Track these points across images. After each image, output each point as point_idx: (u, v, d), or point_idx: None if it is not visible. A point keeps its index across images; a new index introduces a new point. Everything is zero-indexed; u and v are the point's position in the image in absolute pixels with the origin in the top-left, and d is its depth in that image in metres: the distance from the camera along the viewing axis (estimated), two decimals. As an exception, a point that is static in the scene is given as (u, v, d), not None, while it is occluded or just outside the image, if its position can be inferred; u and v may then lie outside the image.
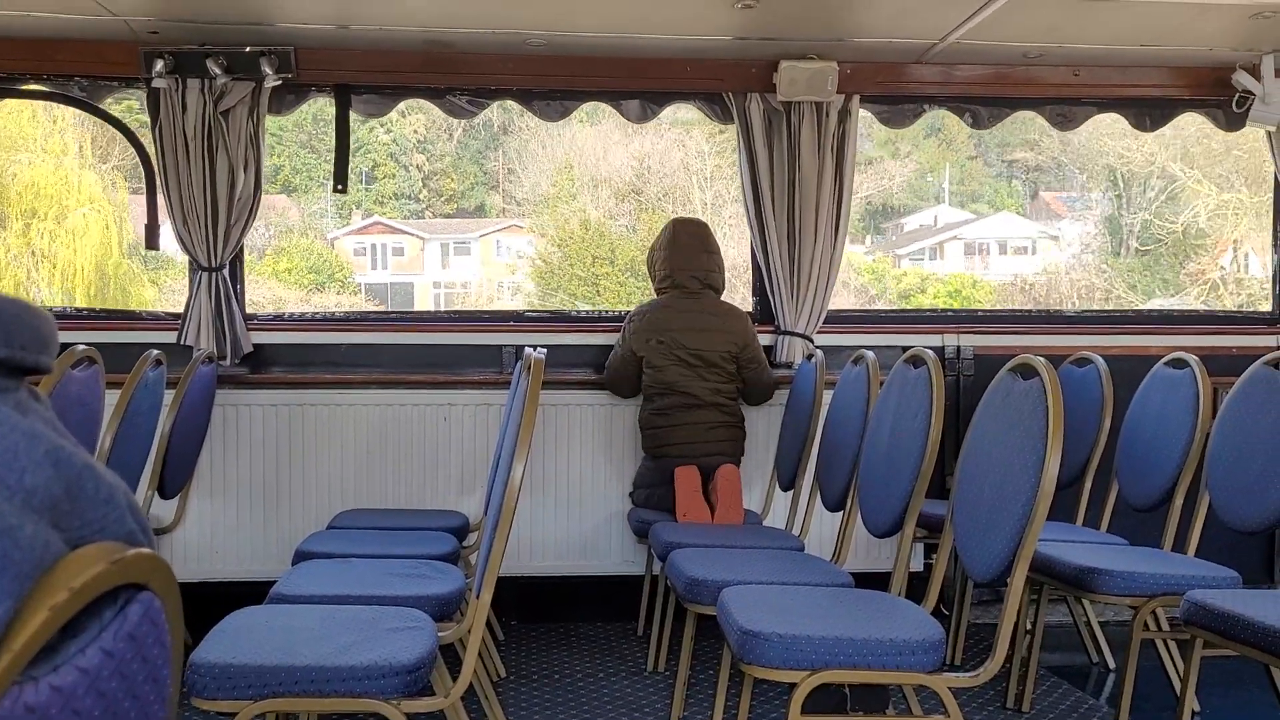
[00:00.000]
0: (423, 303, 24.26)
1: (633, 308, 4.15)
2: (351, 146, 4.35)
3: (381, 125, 23.78)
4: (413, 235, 25.31)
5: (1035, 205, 25.48)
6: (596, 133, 22.15)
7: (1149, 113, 4.59)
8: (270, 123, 4.30)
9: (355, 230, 24.90)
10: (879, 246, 24.69)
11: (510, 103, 4.49)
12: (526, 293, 22.19)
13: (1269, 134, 4.45)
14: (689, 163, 22.14)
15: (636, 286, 20.97)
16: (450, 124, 23.72)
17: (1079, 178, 23.76)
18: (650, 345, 3.98)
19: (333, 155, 4.39)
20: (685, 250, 4.03)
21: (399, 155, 25.34)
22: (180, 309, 4.23)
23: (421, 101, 4.51)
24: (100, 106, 4.26)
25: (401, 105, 4.52)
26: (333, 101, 4.30)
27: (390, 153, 25.18)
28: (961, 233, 24.81)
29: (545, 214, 23.38)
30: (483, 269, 25.05)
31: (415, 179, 25.80)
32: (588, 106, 4.54)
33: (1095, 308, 18.03)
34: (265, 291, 19.96)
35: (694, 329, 3.95)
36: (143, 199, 4.11)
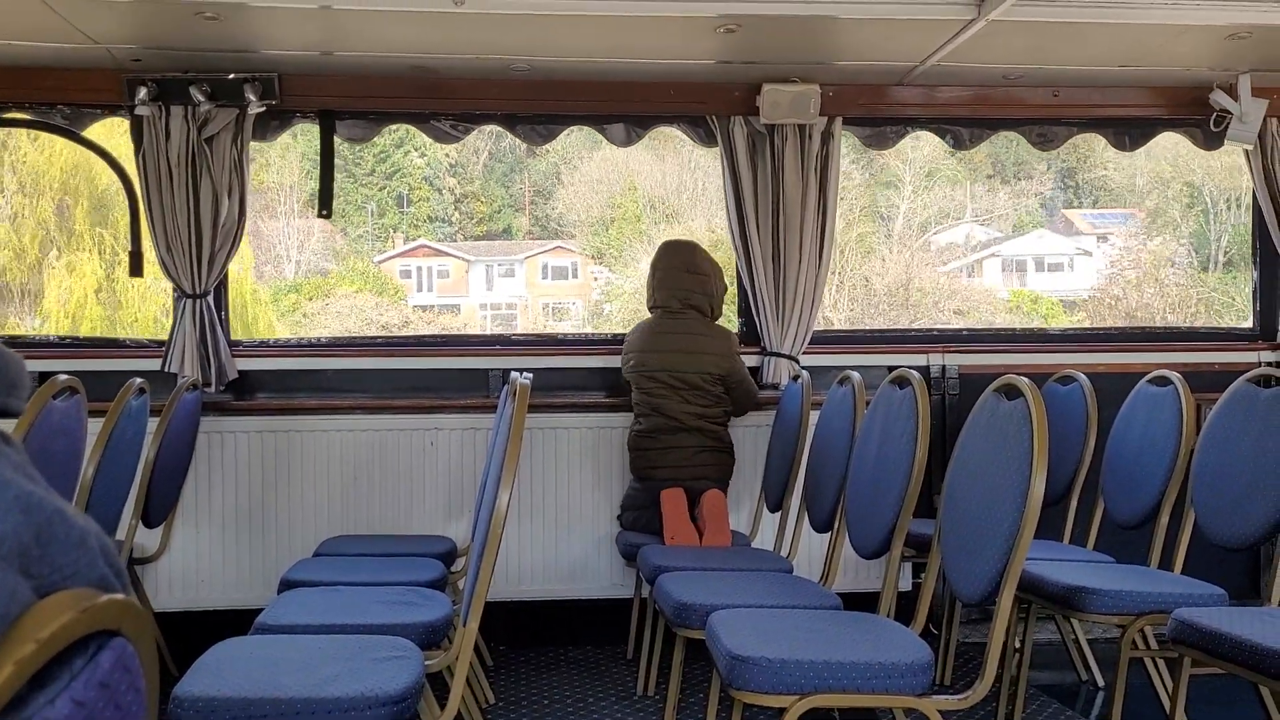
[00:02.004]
0: (470, 323, 24.26)
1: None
2: (387, 171, 4.38)
3: (416, 149, 23.90)
4: (457, 258, 25.40)
5: (1056, 223, 25.32)
6: (639, 154, 22.40)
7: (1128, 132, 4.63)
8: (306, 147, 4.32)
9: (401, 253, 25.05)
10: (922, 264, 24.41)
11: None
12: (607, 315, 22.12)
13: (1247, 152, 4.48)
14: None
15: None
16: (478, 147, 23.88)
17: (1137, 195, 23.52)
18: (630, 367, 4.00)
19: (379, 182, 4.40)
20: (668, 271, 4.03)
21: (433, 179, 25.45)
22: (304, 332, 4.22)
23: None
24: (83, 134, 4.25)
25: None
26: (317, 127, 4.31)
27: (425, 176, 25.29)
28: (999, 250, 24.59)
29: (603, 235, 23.44)
30: (528, 291, 25.13)
31: (448, 202, 25.97)
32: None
33: (1184, 324, 17.66)
34: (398, 314, 19.92)
35: (674, 350, 3.94)
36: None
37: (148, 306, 16.06)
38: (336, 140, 4.34)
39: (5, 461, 0.63)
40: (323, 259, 22.72)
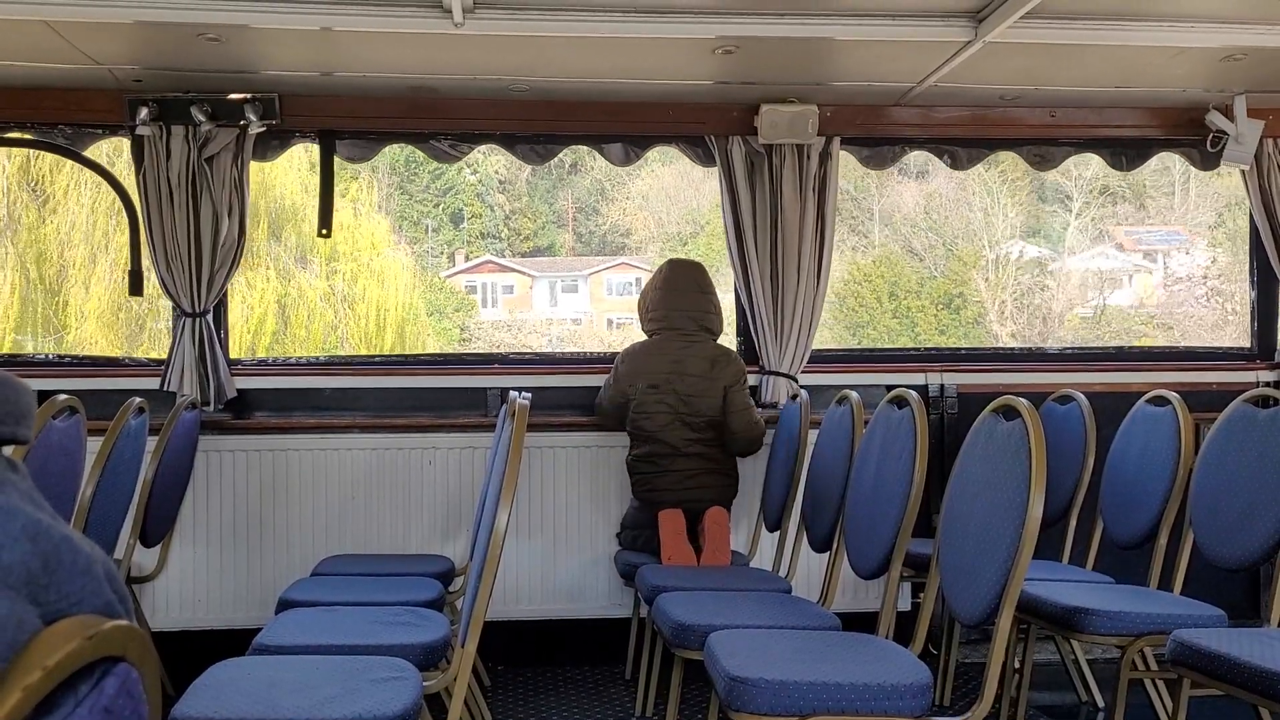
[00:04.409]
0: (535, 338, 24.50)
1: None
2: (440, 188, 4.39)
3: (468, 166, 24.20)
4: (522, 273, 25.62)
5: (1099, 239, 25.12)
6: (692, 170, 22.65)
7: (1125, 153, 4.65)
8: (363, 165, 4.34)
9: (467, 269, 25.41)
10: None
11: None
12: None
13: (1244, 173, 4.50)
14: (970, 200, 22.46)
15: (950, 319, 21.09)
16: (521, 163, 24.03)
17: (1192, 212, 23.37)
18: (641, 390, 3.93)
19: (433, 199, 4.41)
20: (680, 291, 4.01)
21: (485, 195, 25.63)
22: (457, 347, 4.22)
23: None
24: (84, 154, 4.26)
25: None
26: (318, 147, 4.33)
27: (477, 193, 25.48)
28: (1054, 267, 24.43)
29: (680, 251, 23.67)
30: (592, 306, 25.30)
31: (499, 218, 26.21)
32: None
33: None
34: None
35: (689, 374, 3.90)
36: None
37: (315, 326, 16.25)
38: (400, 158, 4.36)
39: (12, 489, 0.63)
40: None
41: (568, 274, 26.01)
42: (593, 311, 25.41)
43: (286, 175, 15.87)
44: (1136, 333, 21.20)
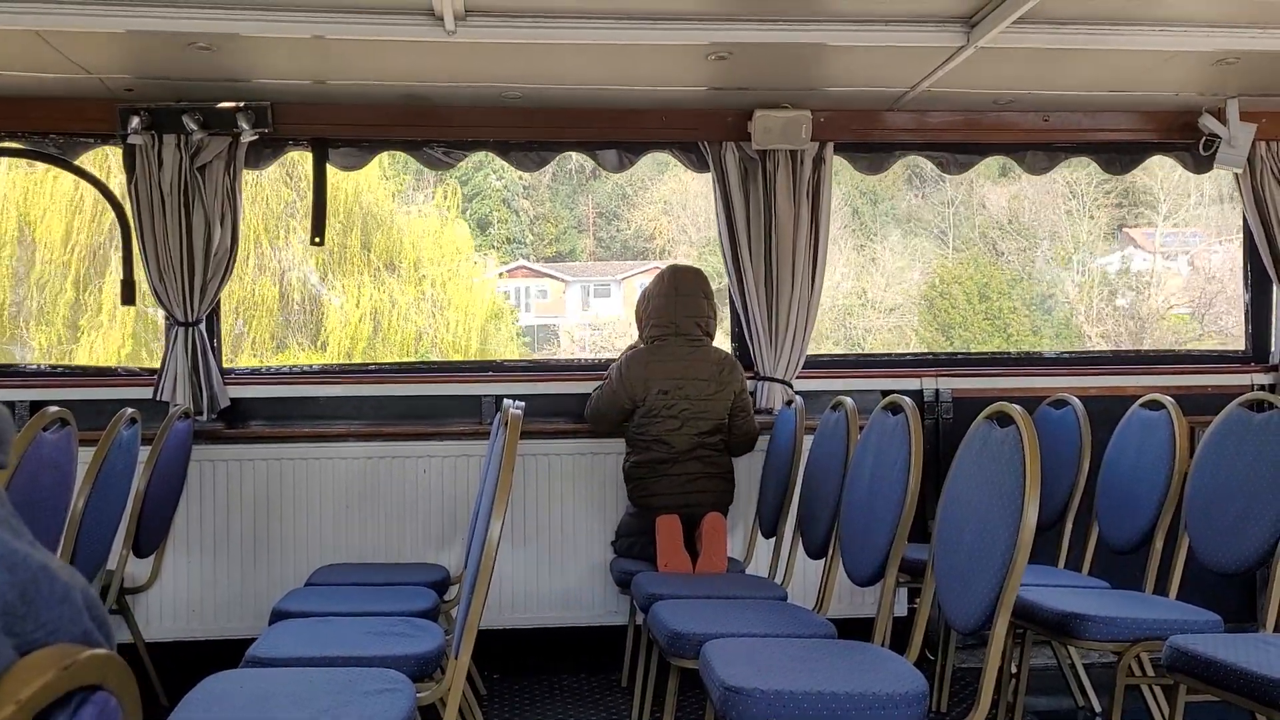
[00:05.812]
0: (567, 341, 24.60)
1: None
2: (466, 194, 4.38)
3: (494, 172, 24.13)
4: (555, 278, 25.72)
5: (1116, 239, 25.00)
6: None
7: (1118, 156, 4.66)
8: (444, 171, 4.35)
9: (499, 274, 25.41)
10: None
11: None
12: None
13: (1236, 175, 4.51)
14: (1056, 203, 22.46)
15: (1043, 319, 21.01)
16: (542, 168, 24.09)
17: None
18: (654, 395, 3.91)
19: (459, 205, 4.41)
20: (687, 296, 4.00)
21: (510, 200, 25.65)
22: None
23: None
24: (76, 163, 4.25)
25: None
26: (310, 155, 4.32)
27: (503, 198, 25.51)
28: (1142, 268, 24.15)
29: (717, 255, 23.66)
30: (625, 310, 25.46)
31: (524, 223, 26.32)
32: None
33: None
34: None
35: (698, 378, 3.91)
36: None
37: (408, 331, 16.26)
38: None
39: (-12, 518, 0.62)
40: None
41: (599, 279, 26.16)
42: (626, 315, 25.60)
43: (372, 180, 15.86)
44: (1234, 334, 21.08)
